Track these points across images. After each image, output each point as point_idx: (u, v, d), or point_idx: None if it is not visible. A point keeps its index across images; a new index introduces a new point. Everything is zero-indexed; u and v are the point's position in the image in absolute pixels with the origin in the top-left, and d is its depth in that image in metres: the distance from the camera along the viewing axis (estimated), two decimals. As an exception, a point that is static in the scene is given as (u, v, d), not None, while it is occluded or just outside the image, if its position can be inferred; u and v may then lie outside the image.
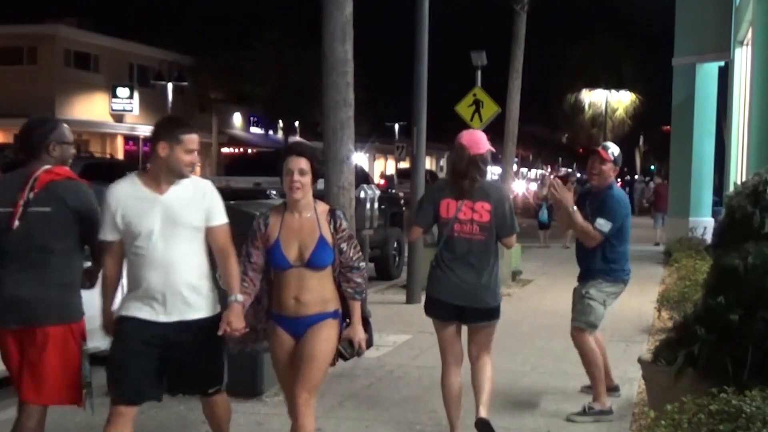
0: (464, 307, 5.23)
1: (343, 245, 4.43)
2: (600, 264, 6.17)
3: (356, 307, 4.51)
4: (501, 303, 5.42)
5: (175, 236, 4.27)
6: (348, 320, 4.53)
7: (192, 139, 4.31)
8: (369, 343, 4.65)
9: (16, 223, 4.21)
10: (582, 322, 6.29)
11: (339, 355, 4.50)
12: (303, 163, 4.33)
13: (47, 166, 4.29)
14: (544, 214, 20.28)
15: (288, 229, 4.44)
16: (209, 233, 4.38)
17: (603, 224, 6.02)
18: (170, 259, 4.26)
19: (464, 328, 5.47)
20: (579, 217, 6.10)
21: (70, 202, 4.28)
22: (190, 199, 4.34)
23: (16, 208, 4.21)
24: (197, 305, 4.32)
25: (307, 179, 4.35)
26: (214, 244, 4.41)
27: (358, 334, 4.52)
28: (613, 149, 6.33)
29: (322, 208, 4.50)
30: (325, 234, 4.40)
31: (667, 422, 4.01)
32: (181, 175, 4.29)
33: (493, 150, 5.55)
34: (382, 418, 6.04)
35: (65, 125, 4.55)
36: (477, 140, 5.26)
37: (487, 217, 5.18)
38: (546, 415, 6.15)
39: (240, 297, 4.36)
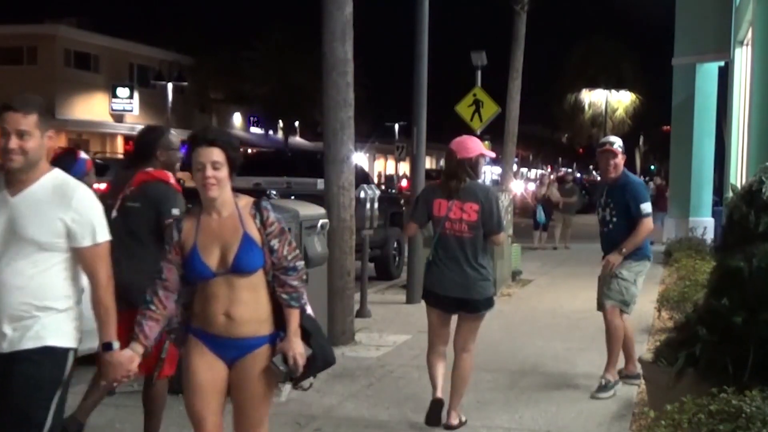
0: (455, 298, 5.72)
1: (274, 242, 3.73)
2: None
3: (293, 317, 3.76)
4: (490, 298, 5.83)
5: (13, 251, 3.48)
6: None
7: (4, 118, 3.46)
8: (317, 363, 3.90)
9: (114, 213, 4.85)
10: (618, 301, 6.77)
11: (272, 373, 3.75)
12: (216, 154, 3.65)
13: (148, 168, 4.98)
14: (540, 215, 20.16)
15: (206, 232, 3.75)
16: (76, 254, 3.60)
17: (645, 207, 6.59)
18: (2, 280, 3.48)
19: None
20: (629, 244, 6.65)
21: (152, 201, 4.88)
22: (43, 206, 3.51)
23: (115, 202, 4.93)
24: (32, 335, 3.58)
25: (223, 173, 3.68)
26: (83, 269, 3.71)
27: (294, 347, 3.72)
28: (618, 142, 6.85)
29: (245, 201, 3.82)
30: (250, 231, 3.73)
31: (667, 422, 4.01)
32: (27, 168, 3.50)
33: (488, 155, 5.88)
34: (382, 418, 6.04)
35: (173, 133, 5.21)
36: (465, 145, 5.68)
37: (475, 217, 5.62)
38: (546, 415, 6.15)
39: (116, 344, 3.77)
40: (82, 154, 5.52)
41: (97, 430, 5.72)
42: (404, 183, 32.21)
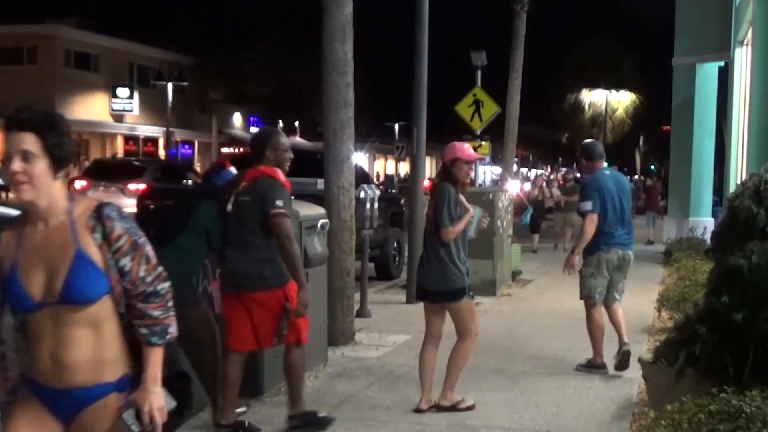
0: (421, 287, 6.26)
1: (125, 261, 2.79)
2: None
3: (153, 358, 2.83)
4: (450, 291, 6.10)
5: None
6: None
7: None
8: (183, 419, 3.00)
9: (229, 207, 5.45)
10: (583, 296, 7.67)
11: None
12: (27, 142, 2.68)
13: (261, 166, 5.47)
14: (527, 217, 19.79)
15: (28, 248, 2.80)
16: None
17: (583, 206, 7.43)
18: None
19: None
20: (577, 244, 7.61)
21: (260, 194, 5.36)
22: None
23: (230, 196, 5.48)
24: None
25: (38, 167, 2.70)
26: None
27: (151, 399, 2.79)
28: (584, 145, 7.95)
29: (84, 206, 2.82)
30: (85, 247, 2.75)
31: (667, 422, 4.01)
32: None
33: (465, 158, 6.15)
34: (382, 418, 6.04)
35: (282, 134, 5.75)
36: (446, 149, 6.18)
37: (430, 212, 6.19)
38: (546, 415, 6.15)
39: None
40: (231, 168, 5.95)
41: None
42: (426, 183, 32.93)
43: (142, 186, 14.85)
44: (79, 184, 22.58)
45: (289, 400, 5.71)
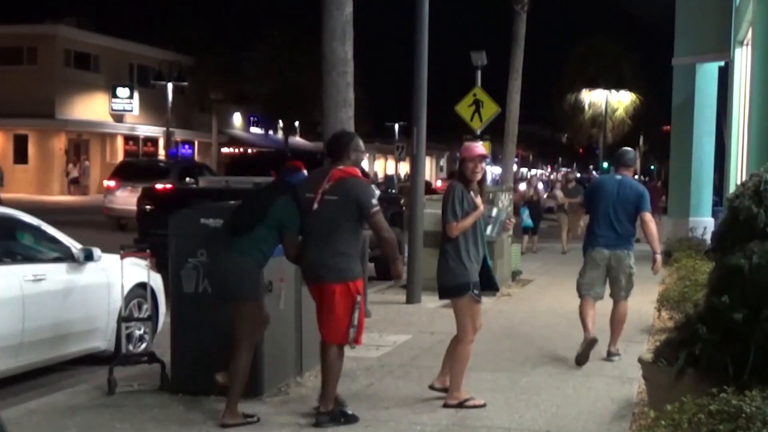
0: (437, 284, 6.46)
1: None
2: None
3: None
4: (449, 287, 6.26)
5: None
6: None
7: None
8: None
9: (315, 206, 5.78)
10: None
11: None
12: None
13: (341, 166, 5.84)
14: (526, 220, 19.04)
15: None
16: None
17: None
18: None
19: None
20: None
21: (351, 194, 5.74)
22: None
23: (316, 195, 5.78)
24: None
25: None
26: None
27: None
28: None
29: None
30: None
31: (667, 422, 4.01)
32: None
33: (475, 155, 6.35)
34: (382, 418, 6.04)
35: (358, 137, 6.09)
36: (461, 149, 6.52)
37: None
38: (546, 415, 6.15)
39: None
40: (304, 170, 6.17)
41: (97, 430, 5.72)
42: (439, 183, 34.52)
43: (168, 186, 15.28)
44: (106, 183, 23.31)
45: (321, 396, 5.97)
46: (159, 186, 14.58)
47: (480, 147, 6.46)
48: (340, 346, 5.88)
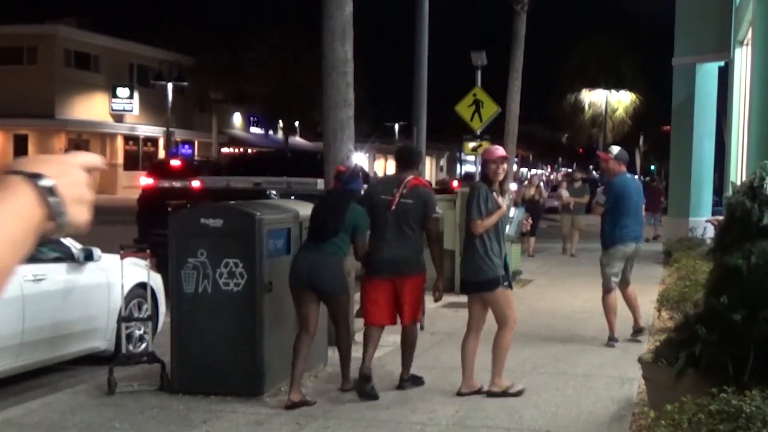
0: (463, 280, 7.03)
1: None
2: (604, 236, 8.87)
3: None
4: (475, 282, 6.65)
5: None
6: None
7: None
8: None
9: (393, 207, 6.71)
10: (605, 284, 8.86)
11: None
12: None
13: (412, 176, 6.88)
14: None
15: None
16: None
17: (597, 198, 8.78)
18: None
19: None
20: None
21: (423, 199, 6.72)
22: None
23: (394, 198, 6.73)
24: None
25: None
26: None
27: None
28: (614, 150, 9.09)
29: None
30: None
31: (667, 422, 4.01)
32: None
33: (495, 156, 6.78)
34: (383, 417, 6.04)
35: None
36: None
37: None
38: (546, 415, 6.15)
39: None
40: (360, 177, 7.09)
41: (97, 429, 5.72)
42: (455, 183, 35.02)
43: (197, 183, 15.54)
44: (144, 182, 23.49)
45: (404, 367, 6.94)
46: (195, 184, 14.79)
47: (501, 149, 6.99)
48: (414, 323, 6.85)
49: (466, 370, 6.69)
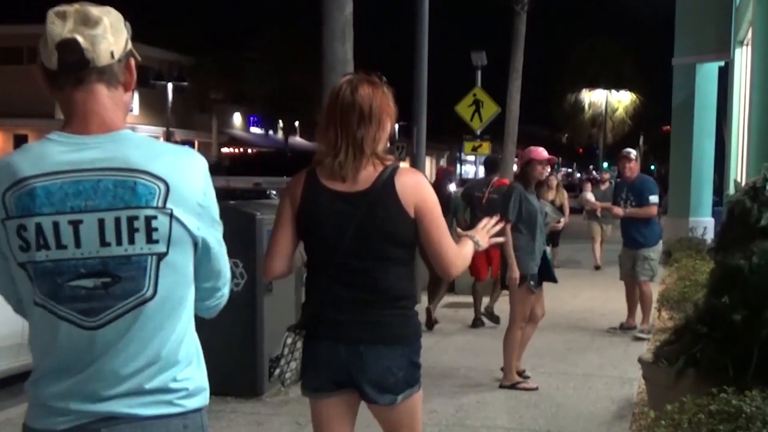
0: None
1: None
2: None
3: None
4: (527, 274, 6.82)
5: None
6: None
7: None
8: None
9: (484, 201, 9.40)
10: (648, 276, 9.29)
11: None
12: None
13: (496, 177, 9.84)
14: None
15: None
16: None
17: (652, 198, 9.12)
18: None
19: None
20: (633, 212, 9.28)
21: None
22: None
23: (484, 194, 9.54)
24: None
25: None
26: None
27: None
28: (634, 151, 9.62)
29: None
30: None
31: (667, 422, 4.00)
32: None
33: (542, 158, 6.99)
34: (382, 418, 6.03)
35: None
36: (524, 153, 7.13)
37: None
38: (546, 415, 6.15)
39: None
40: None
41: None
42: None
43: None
44: None
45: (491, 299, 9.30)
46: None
47: (545, 151, 7.09)
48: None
49: (508, 362, 6.95)
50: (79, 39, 2.01)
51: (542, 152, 6.94)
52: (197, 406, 2.12)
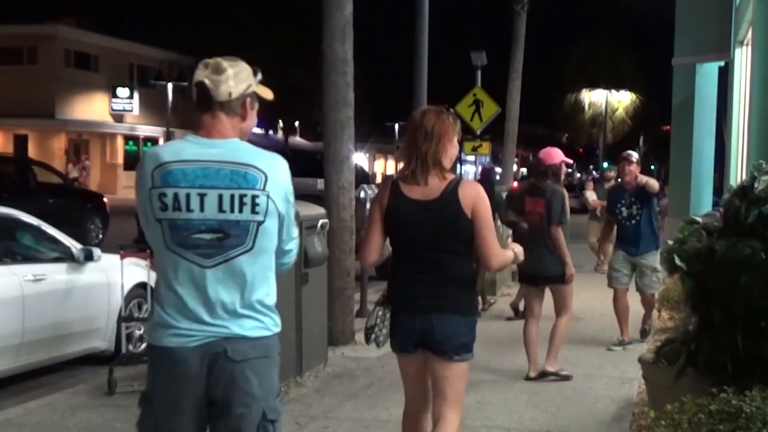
0: (536, 275, 7.18)
1: None
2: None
3: None
4: (561, 275, 7.08)
5: None
6: None
7: None
8: None
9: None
10: (656, 289, 8.86)
11: None
12: None
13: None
14: None
15: None
16: None
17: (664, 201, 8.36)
18: None
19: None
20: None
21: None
22: None
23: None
24: None
25: None
26: None
27: None
28: (635, 154, 8.99)
29: None
30: None
31: (667, 422, 4.00)
32: None
33: (569, 162, 7.56)
34: (382, 417, 6.04)
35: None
36: (549, 153, 7.35)
37: (540, 210, 7.17)
38: (546, 415, 6.15)
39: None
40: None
41: (97, 430, 5.72)
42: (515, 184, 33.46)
43: None
44: None
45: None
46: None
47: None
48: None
49: (531, 354, 7.19)
50: (207, 82, 3.02)
51: (562, 154, 7.41)
52: (278, 330, 3.09)
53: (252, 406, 2.97)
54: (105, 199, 19.50)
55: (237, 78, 3.07)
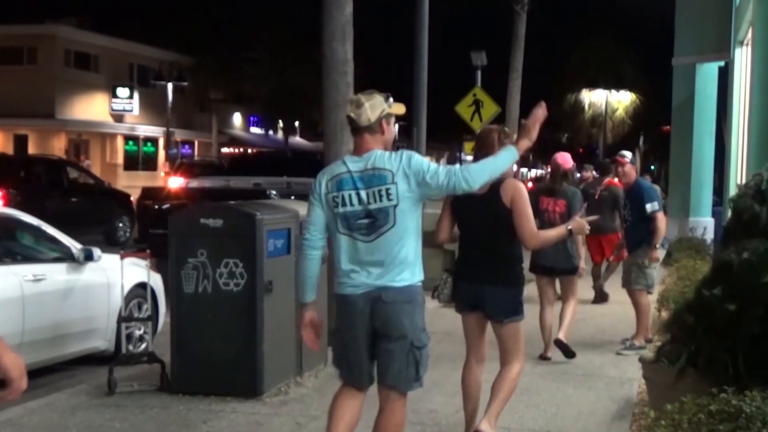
0: (552, 267, 7.98)
1: None
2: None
3: None
4: (575, 267, 7.89)
5: None
6: None
7: None
8: None
9: (597, 196, 10.80)
10: (643, 285, 8.60)
11: None
12: None
13: (608, 177, 11.36)
14: None
15: None
16: None
17: (655, 205, 8.39)
18: None
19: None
20: (658, 238, 8.67)
21: (613, 192, 10.64)
22: None
23: (596, 191, 11.16)
24: None
25: None
26: None
27: None
28: (628, 154, 8.85)
29: None
30: None
31: (667, 422, 4.00)
32: None
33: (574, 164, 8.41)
34: (382, 418, 6.02)
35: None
36: (564, 157, 8.12)
37: (561, 209, 7.82)
38: (546, 415, 6.15)
39: None
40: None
41: (97, 430, 5.72)
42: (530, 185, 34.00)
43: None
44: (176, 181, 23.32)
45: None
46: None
47: None
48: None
49: (546, 337, 7.94)
50: (352, 115, 4.33)
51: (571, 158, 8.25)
52: (422, 279, 4.37)
53: (403, 336, 4.24)
54: (132, 199, 19.76)
55: (372, 107, 4.30)
